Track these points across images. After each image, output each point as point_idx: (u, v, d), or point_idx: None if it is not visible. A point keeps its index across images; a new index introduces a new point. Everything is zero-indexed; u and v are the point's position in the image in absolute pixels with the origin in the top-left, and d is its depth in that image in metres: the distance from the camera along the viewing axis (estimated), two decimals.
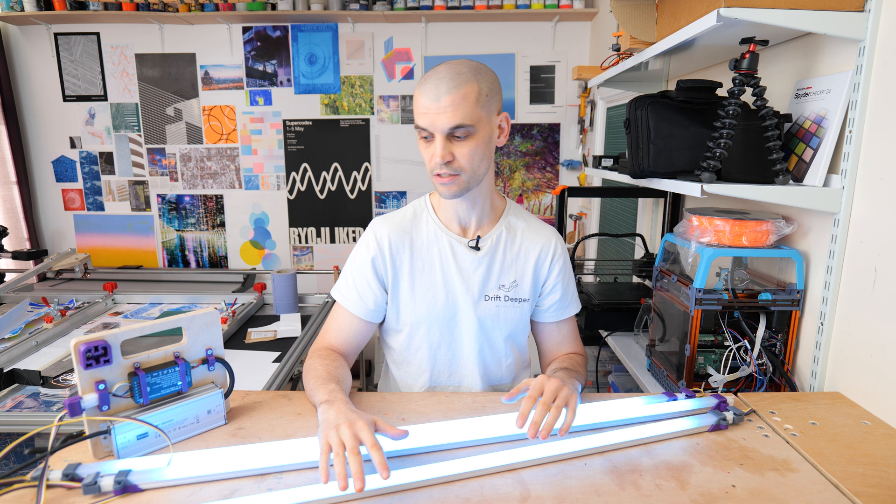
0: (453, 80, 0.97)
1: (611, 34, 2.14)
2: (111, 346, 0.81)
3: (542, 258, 1.15)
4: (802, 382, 1.18)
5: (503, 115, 1.06)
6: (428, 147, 1.02)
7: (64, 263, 2.68)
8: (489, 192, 1.13)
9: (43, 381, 1.45)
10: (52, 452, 0.76)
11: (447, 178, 1.02)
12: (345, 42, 3.24)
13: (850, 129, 1.04)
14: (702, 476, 0.79)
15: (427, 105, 0.98)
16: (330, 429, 0.76)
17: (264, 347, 1.82)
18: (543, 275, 1.16)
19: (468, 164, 1.01)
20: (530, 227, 1.17)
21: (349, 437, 0.73)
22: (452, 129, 0.97)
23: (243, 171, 3.43)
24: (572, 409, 0.84)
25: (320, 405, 0.88)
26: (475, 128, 0.99)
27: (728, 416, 0.93)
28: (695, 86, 1.21)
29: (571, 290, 1.20)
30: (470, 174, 1.02)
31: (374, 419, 0.80)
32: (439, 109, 0.97)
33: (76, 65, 3.32)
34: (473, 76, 0.98)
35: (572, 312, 1.21)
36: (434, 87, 0.97)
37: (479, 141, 1.01)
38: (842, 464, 0.82)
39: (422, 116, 0.99)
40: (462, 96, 0.96)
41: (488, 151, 1.04)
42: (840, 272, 1.08)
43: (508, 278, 1.13)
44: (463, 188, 1.04)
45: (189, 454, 0.81)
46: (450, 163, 1.00)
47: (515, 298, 1.14)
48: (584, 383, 1.10)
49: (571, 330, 1.22)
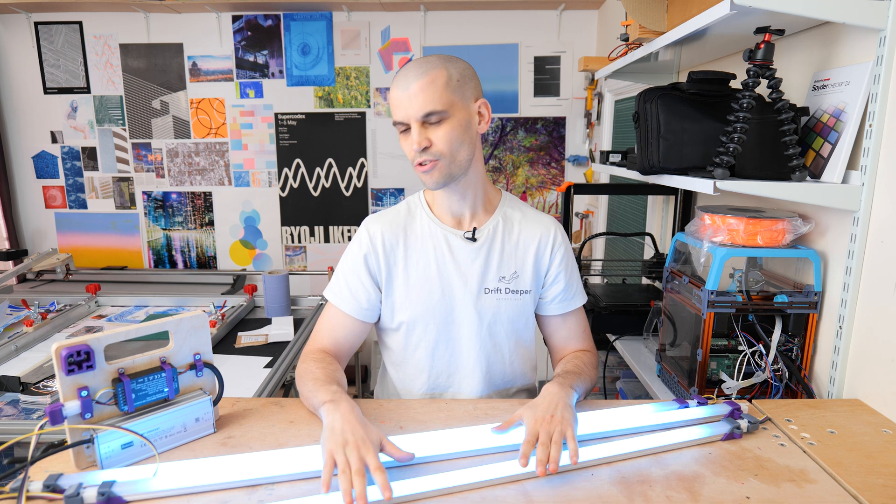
0: (420, 68, 1.03)
1: (619, 23, 2.14)
2: (94, 350, 0.81)
3: (543, 247, 1.17)
4: (820, 389, 1.18)
5: (482, 101, 1.10)
6: (407, 139, 1.07)
7: (45, 264, 2.68)
8: (481, 183, 1.15)
9: (23, 387, 1.44)
10: (33, 462, 0.76)
11: (428, 165, 1.06)
12: (340, 31, 3.24)
13: (870, 122, 1.04)
14: (714, 487, 0.79)
15: (399, 97, 1.04)
16: (336, 444, 0.79)
17: (255, 352, 1.82)
18: (545, 264, 1.17)
19: (446, 148, 1.05)
20: (527, 216, 1.19)
21: (355, 460, 0.77)
22: (426, 116, 1.02)
23: (233, 167, 3.43)
24: (571, 437, 0.84)
25: (324, 405, 0.90)
26: (448, 112, 1.04)
27: (742, 425, 0.93)
28: (707, 77, 1.21)
29: (576, 280, 1.22)
30: (450, 158, 1.06)
31: (380, 438, 0.84)
32: (409, 97, 1.02)
33: (57, 55, 3.32)
34: (441, 63, 1.04)
35: (578, 304, 1.22)
36: (403, 78, 1.04)
37: (455, 125, 1.05)
38: (861, 474, 0.82)
39: (396, 110, 1.05)
40: (429, 81, 1.02)
41: (468, 137, 1.07)
42: (860, 273, 1.08)
43: (508, 269, 1.15)
44: (445, 174, 1.07)
45: (176, 464, 0.81)
46: (427, 148, 1.04)
47: (517, 290, 1.15)
48: (590, 385, 1.11)
49: (578, 323, 1.23)
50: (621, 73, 1.89)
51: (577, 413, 0.92)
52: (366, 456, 0.78)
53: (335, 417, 0.85)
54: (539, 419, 0.87)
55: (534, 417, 0.88)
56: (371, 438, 0.82)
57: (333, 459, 0.77)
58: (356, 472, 0.75)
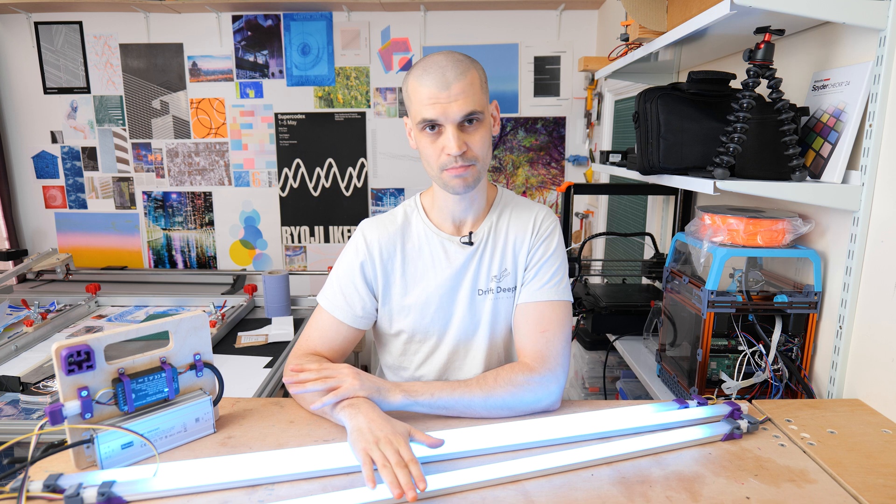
0: (458, 67, 0.98)
1: (619, 23, 2.14)
2: (94, 350, 0.81)
3: (524, 235, 1.12)
4: (820, 389, 1.18)
5: (494, 103, 1.09)
6: (435, 141, 1.01)
7: (45, 264, 2.68)
8: (485, 186, 1.14)
9: (23, 387, 1.44)
10: (33, 462, 0.76)
11: (462, 169, 1.01)
12: (340, 31, 3.24)
13: (870, 122, 1.04)
14: (714, 487, 0.79)
15: (435, 94, 0.97)
16: (369, 443, 0.81)
17: (255, 352, 1.82)
18: (525, 253, 1.11)
19: (481, 152, 1.03)
20: (517, 210, 1.15)
21: (392, 453, 0.79)
22: (466, 117, 0.99)
23: (233, 167, 3.43)
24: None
25: (343, 410, 0.90)
26: (484, 114, 1.02)
27: (742, 425, 0.93)
28: (707, 77, 1.21)
29: (552, 271, 1.09)
30: (482, 163, 1.04)
31: (408, 429, 0.87)
32: (450, 97, 0.97)
33: (58, 55, 3.32)
34: (471, 63, 1.01)
35: (547, 297, 1.06)
36: (440, 74, 0.97)
37: (487, 128, 1.04)
38: (861, 474, 0.82)
39: (429, 108, 0.98)
40: (469, 82, 0.99)
41: (491, 141, 1.06)
42: (860, 273, 1.08)
43: (500, 268, 1.12)
44: (477, 179, 1.05)
45: (176, 464, 0.81)
46: (464, 153, 1.00)
47: (507, 289, 1.12)
48: (482, 399, 0.96)
49: (540, 322, 1.05)
50: (621, 73, 1.89)
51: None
52: (400, 448, 0.80)
53: (359, 419, 0.86)
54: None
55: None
56: (399, 432, 0.84)
57: (370, 457, 0.79)
58: (396, 464, 0.77)
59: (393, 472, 0.76)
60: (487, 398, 0.97)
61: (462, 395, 0.97)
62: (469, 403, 0.97)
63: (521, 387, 0.99)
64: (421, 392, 0.96)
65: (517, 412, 0.99)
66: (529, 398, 0.99)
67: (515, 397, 0.98)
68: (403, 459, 0.79)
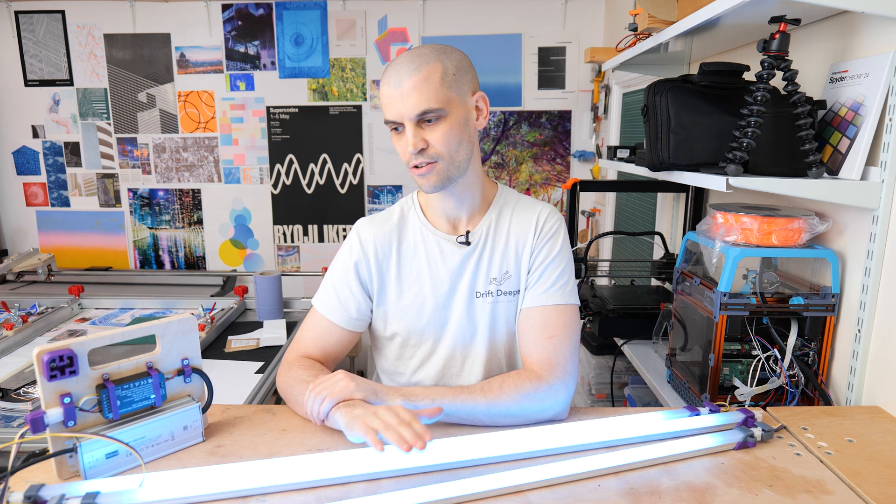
0: (413, 63, 0.99)
1: (627, 12, 2.14)
2: (77, 355, 0.81)
3: (527, 235, 1.11)
4: (838, 395, 1.18)
5: (479, 95, 1.07)
6: (400, 139, 1.03)
7: (25, 265, 2.68)
8: (479, 183, 1.12)
9: (2, 393, 1.45)
10: (13, 472, 0.76)
11: (424, 168, 1.03)
12: (334, 21, 3.25)
13: (890, 116, 1.04)
14: (727, 499, 0.79)
15: (390, 94, 1.00)
16: (367, 416, 0.85)
17: (246, 357, 1.82)
18: (528, 254, 1.11)
19: (444, 149, 1.02)
20: (518, 209, 1.14)
21: (391, 417, 0.84)
22: (420, 115, 0.99)
23: (223, 163, 3.43)
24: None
25: (338, 411, 0.91)
26: (446, 110, 1.00)
27: (756, 433, 0.93)
28: (719, 69, 1.22)
29: (558, 272, 1.08)
30: (448, 160, 1.03)
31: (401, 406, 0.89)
32: (403, 95, 0.99)
33: (39, 46, 3.32)
34: (435, 56, 1.01)
35: (553, 301, 1.06)
36: (395, 73, 1.00)
37: (453, 123, 1.02)
38: (881, 485, 0.82)
39: (387, 108, 1.02)
40: (424, 78, 0.98)
41: (466, 135, 1.04)
42: (879, 274, 1.08)
43: (500, 270, 1.11)
44: (443, 177, 1.04)
45: (163, 474, 0.81)
46: (424, 150, 1.01)
47: (509, 292, 1.11)
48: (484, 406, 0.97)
49: (546, 327, 1.05)
50: (630, 65, 1.89)
51: None
52: (398, 412, 0.84)
53: (354, 412, 0.89)
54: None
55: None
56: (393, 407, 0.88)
57: (372, 427, 0.82)
58: (399, 423, 0.82)
59: (398, 431, 0.80)
60: (491, 406, 0.97)
61: (465, 402, 0.97)
62: (472, 410, 0.97)
63: (528, 395, 0.98)
64: (421, 397, 0.96)
65: (522, 421, 0.98)
66: (536, 407, 0.98)
67: (521, 406, 0.98)
68: (404, 420, 0.82)
